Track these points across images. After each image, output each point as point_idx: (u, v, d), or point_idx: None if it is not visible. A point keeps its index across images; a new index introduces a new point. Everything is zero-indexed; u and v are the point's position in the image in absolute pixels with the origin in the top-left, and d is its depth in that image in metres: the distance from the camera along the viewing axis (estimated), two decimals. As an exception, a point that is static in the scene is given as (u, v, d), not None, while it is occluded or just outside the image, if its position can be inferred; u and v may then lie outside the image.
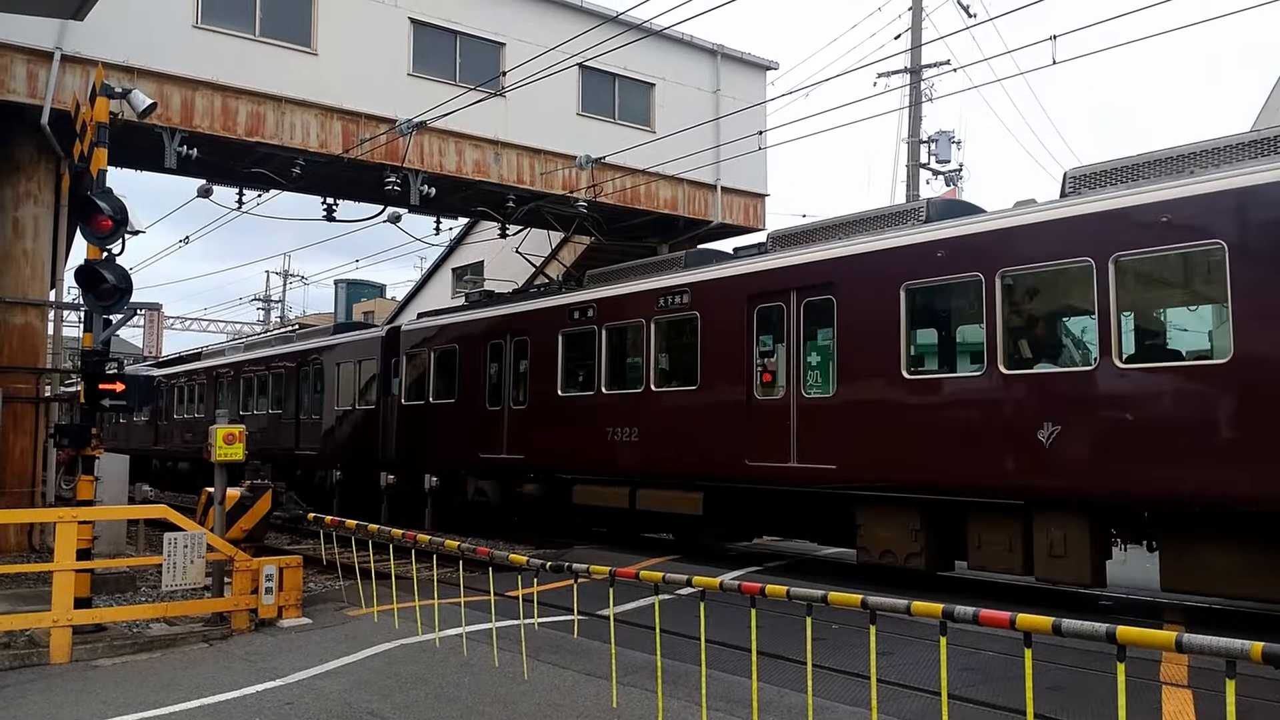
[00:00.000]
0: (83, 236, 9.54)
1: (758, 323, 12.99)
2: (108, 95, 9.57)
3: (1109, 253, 9.46)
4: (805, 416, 12.19)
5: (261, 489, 10.55)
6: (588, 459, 15.29)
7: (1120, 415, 9.26)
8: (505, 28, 19.84)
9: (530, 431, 16.61)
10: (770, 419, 12.51)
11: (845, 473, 11.59)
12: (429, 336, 19.92)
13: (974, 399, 10.53)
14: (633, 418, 14.60)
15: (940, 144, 26.33)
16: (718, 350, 13.40)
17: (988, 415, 10.35)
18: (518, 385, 17.23)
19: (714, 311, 13.54)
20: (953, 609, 4.82)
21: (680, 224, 22.83)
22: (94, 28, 14.58)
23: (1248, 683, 5.22)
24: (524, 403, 16.88)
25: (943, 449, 10.62)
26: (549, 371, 16.32)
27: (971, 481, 10.42)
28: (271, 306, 60.00)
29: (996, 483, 10.21)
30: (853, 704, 6.45)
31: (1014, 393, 10.14)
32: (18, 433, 14.73)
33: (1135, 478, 9.17)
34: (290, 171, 17.80)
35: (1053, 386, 9.94)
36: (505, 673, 7.53)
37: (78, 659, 8.36)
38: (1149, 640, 4.16)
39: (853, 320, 11.74)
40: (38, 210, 15.41)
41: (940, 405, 10.82)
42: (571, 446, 15.63)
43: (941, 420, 10.73)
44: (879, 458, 11.26)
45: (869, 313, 11.52)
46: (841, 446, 11.68)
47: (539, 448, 16.38)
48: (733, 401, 13.04)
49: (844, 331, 11.83)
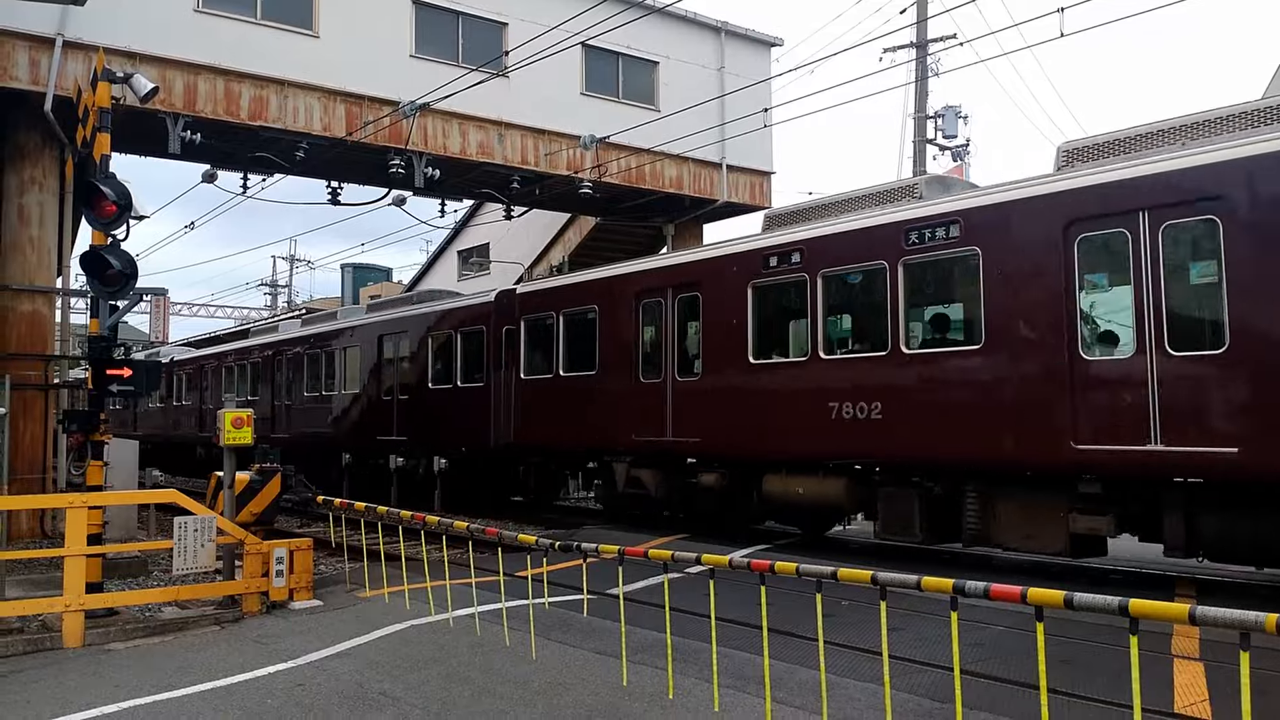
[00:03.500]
0: (87, 222, 9.53)
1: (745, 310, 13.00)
2: (109, 80, 9.53)
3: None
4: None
5: (271, 472, 10.58)
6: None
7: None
8: (507, 7, 19.74)
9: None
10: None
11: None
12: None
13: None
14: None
15: (947, 119, 26.11)
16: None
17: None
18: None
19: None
20: (963, 584, 4.79)
21: (686, 203, 22.77)
22: (95, 13, 14.56)
23: (1261, 655, 5.20)
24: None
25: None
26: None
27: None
28: (278, 291, 60.03)
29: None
30: (864, 680, 6.44)
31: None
32: (27, 419, 14.80)
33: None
34: (294, 155, 17.77)
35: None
36: (516, 652, 7.54)
37: (90, 643, 8.40)
38: (1162, 613, 4.13)
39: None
40: (43, 197, 15.43)
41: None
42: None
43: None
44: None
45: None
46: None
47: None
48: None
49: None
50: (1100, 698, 5.98)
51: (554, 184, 20.74)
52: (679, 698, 6.27)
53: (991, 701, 5.97)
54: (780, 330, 13.07)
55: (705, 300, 13.61)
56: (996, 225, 10.31)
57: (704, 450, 13.61)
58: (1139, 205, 9.19)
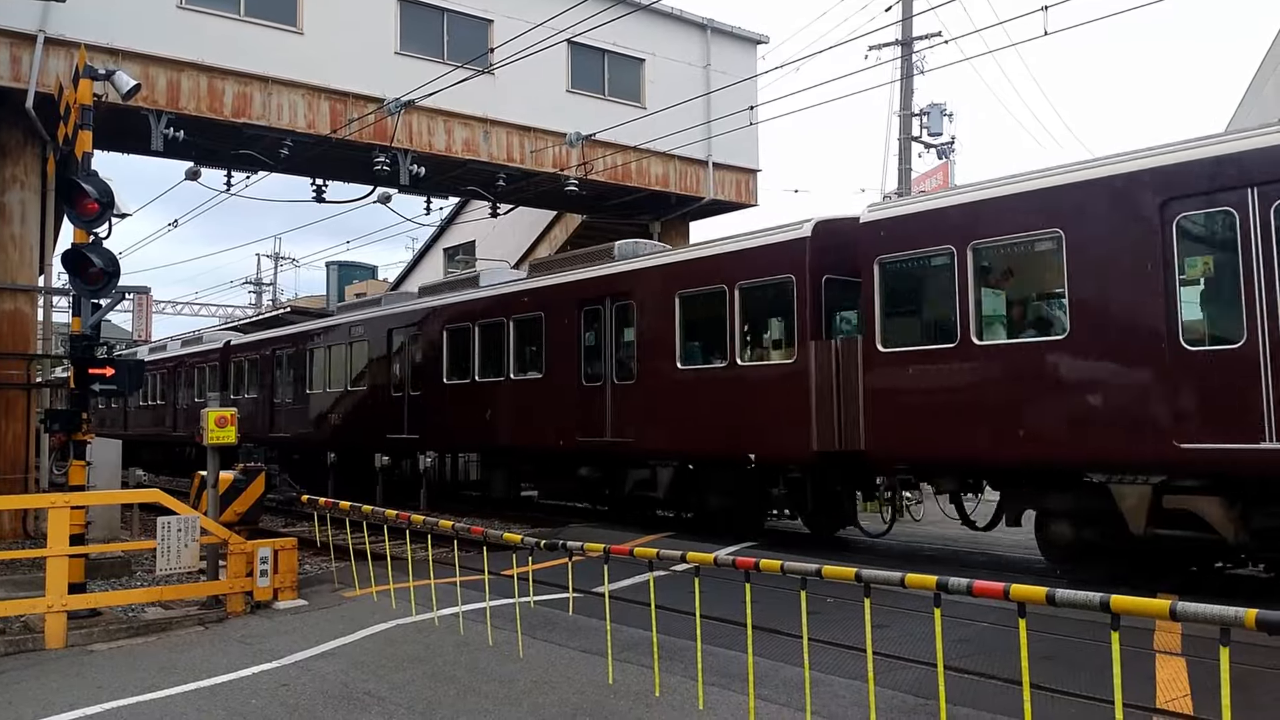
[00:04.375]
0: (69, 220, 9.47)
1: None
2: (91, 77, 9.47)
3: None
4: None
5: (255, 472, 10.54)
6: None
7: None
8: (493, 4, 19.68)
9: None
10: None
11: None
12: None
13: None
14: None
15: (932, 116, 26.13)
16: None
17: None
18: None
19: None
20: (946, 581, 4.82)
21: (672, 200, 22.76)
22: (77, 9, 14.46)
23: (1242, 650, 5.24)
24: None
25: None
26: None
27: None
28: (263, 290, 59.73)
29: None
30: (849, 676, 6.47)
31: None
32: (9, 419, 14.69)
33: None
34: (278, 153, 17.67)
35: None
36: (501, 651, 7.54)
37: (73, 644, 8.35)
38: (1143, 609, 4.16)
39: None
40: (24, 195, 15.30)
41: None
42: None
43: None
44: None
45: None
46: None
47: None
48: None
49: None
50: (1083, 693, 6.02)
51: (540, 181, 20.70)
52: (664, 696, 6.28)
53: (975, 697, 6.00)
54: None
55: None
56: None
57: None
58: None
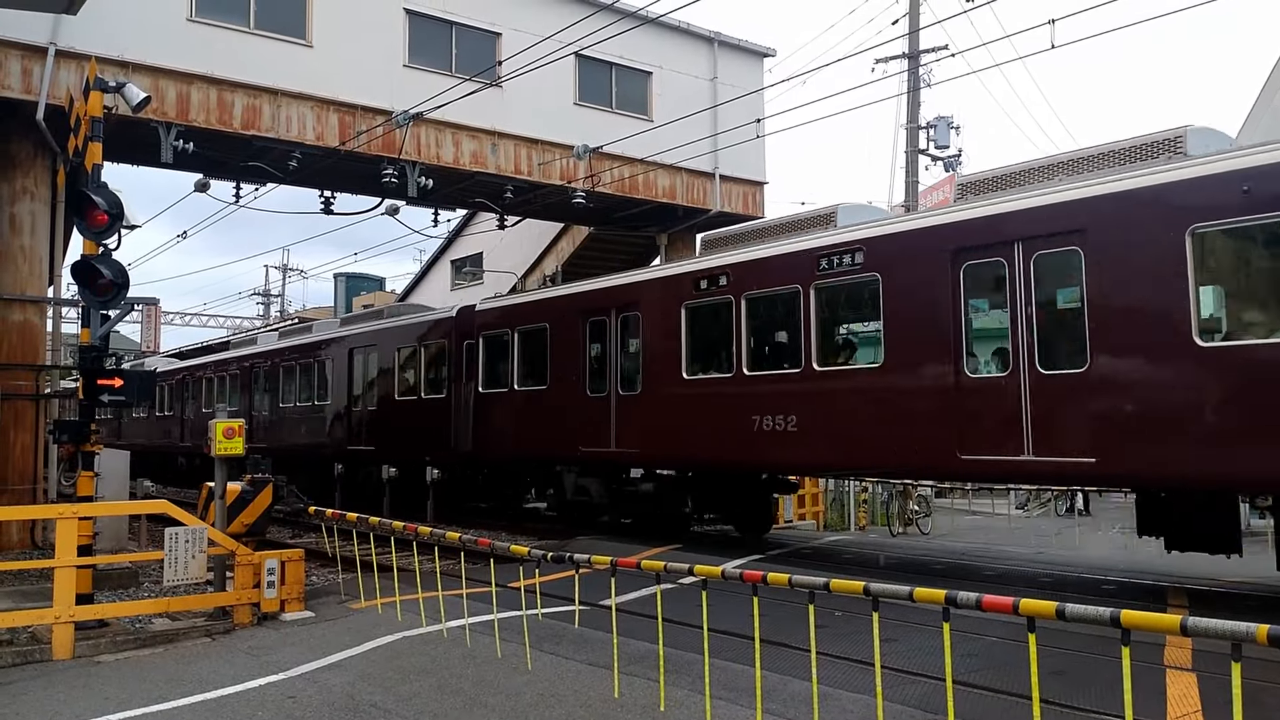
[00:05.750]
0: (78, 231, 9.50)
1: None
2: (101, 89, 9.51)
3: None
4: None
5: (262, 483, 10.53)
6: None
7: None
8: (501, 17, 19.77)
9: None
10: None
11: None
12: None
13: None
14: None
15: (939, 129, 26.22)
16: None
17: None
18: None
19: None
20: (955, 595, 4.80)
21: (679, 212, 22.79)
22: (88, 22, 14.54)
23: (1253, 665, 5.20)
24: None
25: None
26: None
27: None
28: (271, 301, 59.91)
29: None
30: (856, 690, 6.44)
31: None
32: (18, 429, 14.74)
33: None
34: (287, 165, 17.76)
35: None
36: (508, 663, 7.52)
37: (80, 655, 8.36)
38: (1153, 624, 4.13)
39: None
40: (34, 206, 15.38)
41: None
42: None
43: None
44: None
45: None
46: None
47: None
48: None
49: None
50: (1092, 708, 5.98)
51: (547, 194, 20.75)
52: (671, 709, 6.26)
53: (984, 712, 5.97)
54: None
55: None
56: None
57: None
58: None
